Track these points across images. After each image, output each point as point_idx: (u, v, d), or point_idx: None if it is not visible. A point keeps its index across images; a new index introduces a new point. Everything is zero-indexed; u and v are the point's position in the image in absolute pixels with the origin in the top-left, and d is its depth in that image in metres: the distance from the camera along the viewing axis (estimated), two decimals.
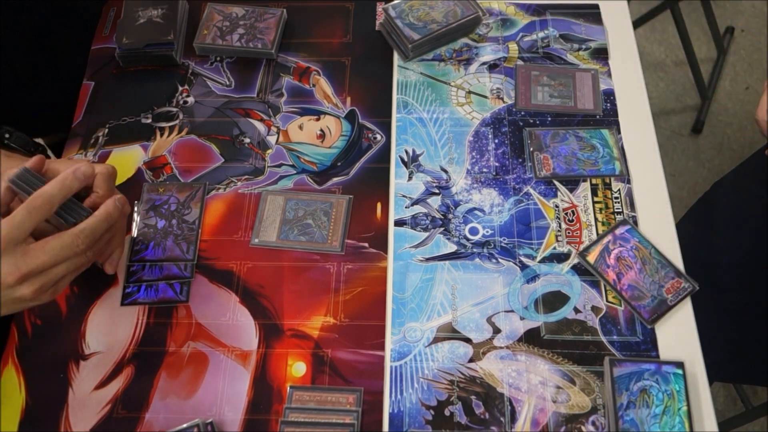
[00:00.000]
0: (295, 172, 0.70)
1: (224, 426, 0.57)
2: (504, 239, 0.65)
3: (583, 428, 0.56)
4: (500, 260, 0.64)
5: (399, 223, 0.66)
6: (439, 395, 0.58)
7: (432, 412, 0.57)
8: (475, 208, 0.67)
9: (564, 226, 0.66)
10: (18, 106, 0.70)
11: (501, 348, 0.60)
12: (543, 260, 0.64)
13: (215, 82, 0.76)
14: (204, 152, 0.71)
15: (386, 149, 0.71)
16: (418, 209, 0.67)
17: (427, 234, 0.66)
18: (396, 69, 0.77)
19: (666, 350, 0.59)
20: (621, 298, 0.61)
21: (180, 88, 0.76)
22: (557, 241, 0.65)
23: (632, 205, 0.66)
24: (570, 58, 0.76)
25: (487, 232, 0.66)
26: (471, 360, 0.59)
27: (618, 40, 0.78)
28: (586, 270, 0.63)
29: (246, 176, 0.70)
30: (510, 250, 0.65)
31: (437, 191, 0.68)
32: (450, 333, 0.60)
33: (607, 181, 0.68)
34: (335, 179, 0.69)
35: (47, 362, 0.60)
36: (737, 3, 1.99)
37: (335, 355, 0.60)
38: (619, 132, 0.71)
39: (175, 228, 0.66)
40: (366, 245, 0.65)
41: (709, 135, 1.78)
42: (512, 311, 0.61)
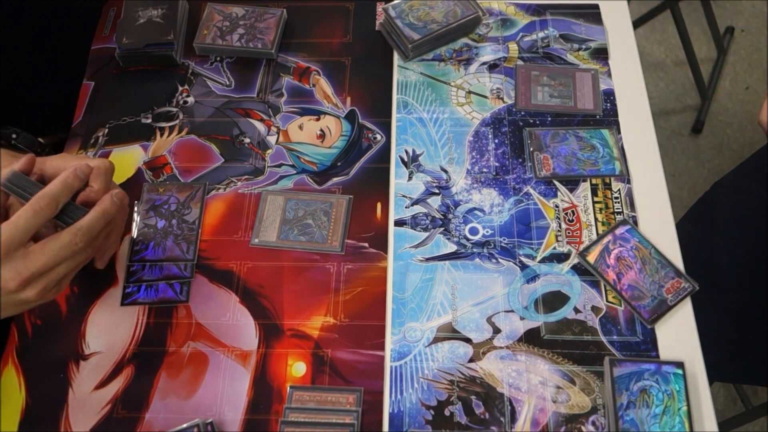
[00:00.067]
0: (295, 172, 0.70)
1: (224, 426, 0.57)
2: (504, 239, 0.65)
3: (583, 428, 0.56)
4: (500, 260, 0.64)
5: (399, 223, 0.66)
6: (439, 395, 0.58)
7: (432, 412, 0.57)
8: (475, 208, 0.67)
9: (564, 226, 0.66)
10: (18, 106, 0.70)
11: (501, 348, 0.60)
12: (543, 260, 0.64)
13: (215, 82, 0.76)
14: (204, 152, 0.71)
15: (386, 149, 0.71)
16: (418, 209, 0.67)
17: (427, 234, 0.66)
18: (396, 69, 0.77)
19: (666, 350, 0.59)
20: (621, 298, 0.61)
21: (180, 88, 0.76)
22: (557, 241, 0.65)
23: (632, 205, 0.66)
24: (570, 58, 0.76)
25: (487, 232, 0.66)
26: (471, 360, 0.59)
27: (618, 40, 0.78)
28: (586, 270, 0.63)
29: (246, 176, 0.70)
30: (510, 250, 0.64)
31: (437, 191, 0.68)
32: (450, 333, 0.60)
33: (607, 181, 0.68)
34: (335, 179, 0.69)
35: (47, 362, 0.60)
36: (737, 3, 1.99)
37: (335, 355, 0.60)
38: (619, 132, 0.71)
39: (175, 228, 0.66)
40: (366, 245, 0.65)
41: (709, 135, 1.78)
42: (512, 311, 0.61)
